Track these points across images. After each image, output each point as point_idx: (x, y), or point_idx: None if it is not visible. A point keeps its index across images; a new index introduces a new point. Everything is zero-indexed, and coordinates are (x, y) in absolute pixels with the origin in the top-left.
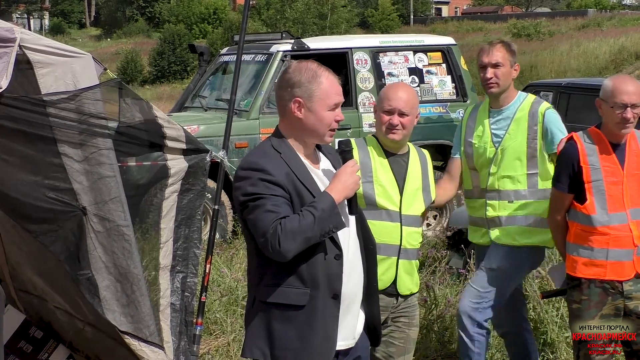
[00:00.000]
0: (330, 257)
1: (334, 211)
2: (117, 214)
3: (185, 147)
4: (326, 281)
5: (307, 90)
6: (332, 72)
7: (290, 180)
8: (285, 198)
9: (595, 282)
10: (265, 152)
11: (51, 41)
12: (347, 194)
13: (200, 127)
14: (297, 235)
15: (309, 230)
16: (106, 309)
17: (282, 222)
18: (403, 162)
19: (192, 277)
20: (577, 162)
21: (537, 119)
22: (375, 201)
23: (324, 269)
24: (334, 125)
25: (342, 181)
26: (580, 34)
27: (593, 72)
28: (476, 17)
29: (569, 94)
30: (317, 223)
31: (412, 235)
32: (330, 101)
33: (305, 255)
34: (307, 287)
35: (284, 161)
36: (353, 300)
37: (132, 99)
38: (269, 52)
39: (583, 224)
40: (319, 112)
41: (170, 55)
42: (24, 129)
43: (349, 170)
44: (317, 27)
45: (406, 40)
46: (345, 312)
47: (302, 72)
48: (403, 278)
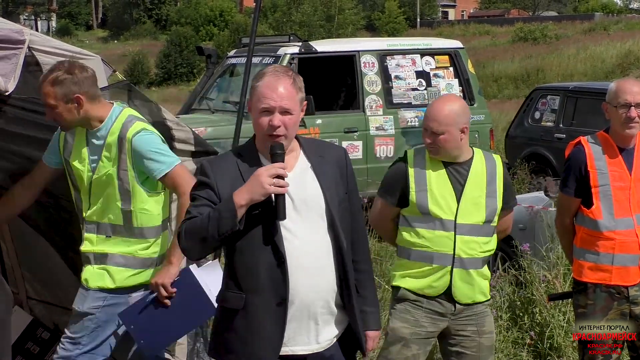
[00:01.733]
0: (272, 263)
1: (230, 214)
2: None
3: (194, 149)
4: (269, 286)
5: (251, 92)
6: (287, 77)
7: (230, 183)
8: (210, 200)
9: (601, 286)
10: (223, 156)
11: (61, 43)
12: (251, 196)
13: (208, 130)
14: (193, 235)
15: (204, 231)
16: None
17: (187, 222)
18: (464, 170)
19: None
20: (584, 167)
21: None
22: (429, 209)
23: (266, 274)
24: (269, 130)
25: (249, 183)
26: (587, 37)
27: (600, 76)
28: (483, 20)
29: (576, 97)
30: (212, 224)
31: (469, 244)
32: (259, 104)
33: (244, 260)
34: (243, 291)
35: (236, 164)
36: (312, 304)
37: (141, 101)
38: (276, 54)
39: (589, 229)
40: (253, 114)
41: (177, 58)
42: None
43: (258, 173)
44: (323, 30)
45: (413, 44)
46: (299, 317)
47: (257, 73)
48: (459, 287)
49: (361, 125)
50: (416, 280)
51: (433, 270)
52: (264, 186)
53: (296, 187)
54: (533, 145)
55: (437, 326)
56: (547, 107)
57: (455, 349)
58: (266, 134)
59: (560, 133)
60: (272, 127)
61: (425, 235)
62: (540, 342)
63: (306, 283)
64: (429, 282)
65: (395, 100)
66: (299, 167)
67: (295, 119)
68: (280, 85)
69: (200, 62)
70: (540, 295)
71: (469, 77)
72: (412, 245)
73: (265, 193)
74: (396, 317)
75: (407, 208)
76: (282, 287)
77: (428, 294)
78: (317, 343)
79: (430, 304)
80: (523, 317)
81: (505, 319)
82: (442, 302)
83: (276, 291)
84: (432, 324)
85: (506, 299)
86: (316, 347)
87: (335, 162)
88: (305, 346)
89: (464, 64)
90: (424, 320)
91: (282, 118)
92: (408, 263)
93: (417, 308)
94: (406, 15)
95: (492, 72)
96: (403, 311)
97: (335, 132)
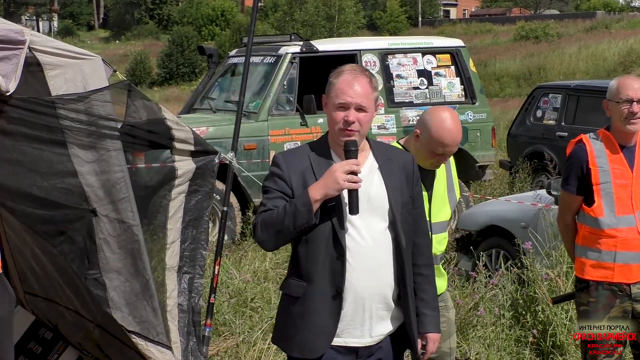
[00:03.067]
0: (333, 255)
1: (306, 208)
2: (126, 214)
3: (193, 149)
4: (327, 277)
5: (328, 88)
6: (365, 76)
7: (302, 176)
8: (284, 192)
9: (604, 284)
10: (297, 149)
11: (61, 43)
12: (326, 192)
13: (209, 129)
14: (269, 228)
15: (279, 224)
16: (114, 308)
17: (263, 214)
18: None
19: (198, 278)
20: (585, 164)
21: None
22: None
23: (326, 266)
24: (343, 125)
25: (324, 178)
26: (589, 36)
27: (601, 74)
28: (484, 19)
29: (578, 96)
30: (288, 217)
31: (440, 242)
32: (336, 100)
33: (307, 251)
34: (304, 280)
35: (308, 158)
36: (368, 299)
37: (141, 101)
38: (277, 54)
39: (591, 227)
40: (329, 110)
41: (179, 57)
42: (33, 131)
43: (333, 169)
44: (325, 29)
45: (415, 43)
46: (354, 310)
47: (335, 70)
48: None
49: None
50: None
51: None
52: (338, 181)
53: (363, 185)
54: (535, 144)
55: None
56: (549, 106)
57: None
58: (340, 129)
59: (562, 131)
60: (347, 122)
61: None
62: (542, 340)
63: (363, 277)
64: None
65: (397, 99)
66: (367, 166)
67: (370, 117)
68: (358, 83)
69: (202, 62)
70: (542, 293)
71: (471, 76)
72: None
73: (340, 188)
74: None
75: None
76: (339, 279)
77: None
78: (370, 337)
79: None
80: (525, 315)
81: (507, 317)
82: None
83: (333, 283)
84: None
85: (509, 297)
86: (369, 341)
87: (402, 166)
88: (358, 339)
89: (465, 63)
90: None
91: (357, 115)
92: None
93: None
94: (408, 14)
95: (493, 71)
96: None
97: None
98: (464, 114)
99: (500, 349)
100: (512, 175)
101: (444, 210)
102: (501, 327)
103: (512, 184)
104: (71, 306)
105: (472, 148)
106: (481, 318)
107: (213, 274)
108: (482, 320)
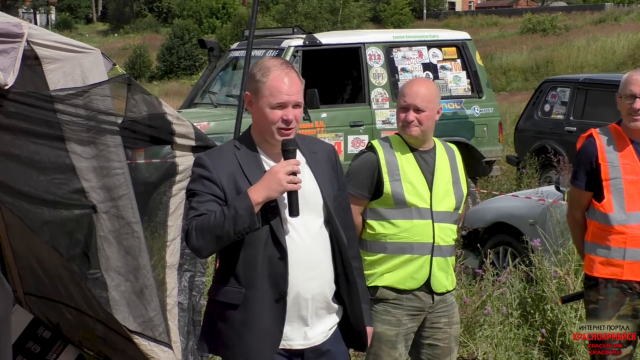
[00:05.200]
0: (273, 257)
1: (248, 212)
2: (126, 211)
3: (194, 144)
4: (268, 281)
5: (255, 87)
6: (292, 72)
7: (233, 178)
8: (216, 195)
9: (613, 282)
10: (221, 149)
11: (59, 36)
12: (268, 194)
13: (211, 124)
14: (206, 233)
15: (219, 229)
16: (115, 308)
17: (197, 219)
18: (430, 157)
19: (200, 276)
20: (595, 159)
21: None
22: (405, 199)
23: (266, 269)
24: (281, 125)
25: (265, 181)
26: (597, 28)
27: (610, 68)
28: (490, 11)
29: (587, 90)
30: (228, 222)
31: (445, 231)
32: (273, 99)
33: (244, 255)
34: (243, 286)
35: (236, 158)
36: (311, 299)
37: (141, 95)
38: (280, 47)
39: (600, 223)
40: (262, 109)
41: (180, 51)
42: (31, 126)
43: (274, 170)
44: (329, 22)
45: (420, 35)
46: (297, 312)
47: (258, 68)
48: (437, 276)
49: (367, 119)
50: (395, 273)
51: (413, 259)
52: (282, 183)
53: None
54: (543, 139)
55: (417, 320)
56: (557, 100)
57: (428, 342)
58: (278, 129)
59: (571, 126)
60: (287, 121)
61: (402, 225)
62: (551, 339)
63: (304, 278)
64: (410, 272)
65: None
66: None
67: (301, 112)
68: (291, 79)
69: (202, 56)
70: (551, 291)
71: (477, 69)
72: (387, 238)
73: (282, 190)
74: (377, 319)
75: (379, 200)
76: (282, 282)
77: (409, 287)
78: (314, 337)
79: (409, 301)
80: (534, 314)
81: (515, 316)
82: (420, 297)
83: (276, 286)
84: (412, 320)
85: (517, 295)
86: (313, 341)
87: (327, 157)
88: (303, 340)
89: (471, 56)
90: (405, 319)
91: (294, 112)
92: (384, 257)
93: (397, 307)
94: (412, 6)
95: (500, 64)
96: (383, 312)
97: (340, 126)
98: (470, 108)
99: (508, 348)
100: (520, 170)
101: (447, 199)
102: (509, 326)
103: (519, 179)
104: (72, 304)
105: (479, 143)
106: (488, 317)
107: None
108: (489, 319)
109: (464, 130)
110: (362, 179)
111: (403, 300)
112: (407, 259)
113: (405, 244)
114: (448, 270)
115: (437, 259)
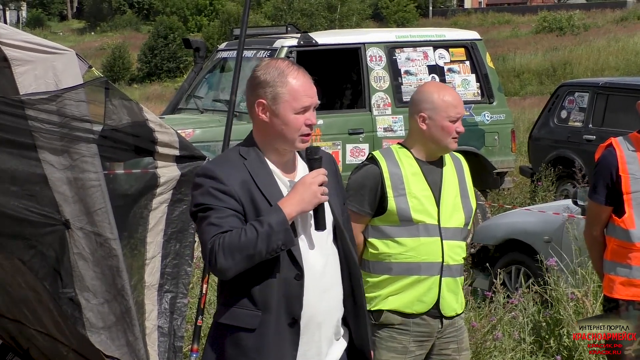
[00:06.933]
0: (289, 277)
1: (283, 227)
2: (103, 227)
3: (178, 154)
4: (283, 304)
5: (272, 92)
6: (305, 71)
7: (247, 189)
8: (235, 210)
9: (635, 304)
10: (227, 159)
11: (30, 36)
12: (303, 207)
13: (196, 131)
14: (235, 252)
15: (251, 247)
16: (90, 331)
17: (222, 237)
18: (436, 169)
19: (182, 297)
20: (615, 171)
21: None
22: (411, 216)
23: (281, 290)
24: (305, 130)
25: (298, 193)
26: (619, 27)
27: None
28: (502, 8)
29: (607, 94)
30: (261, 239)
31: (454, 249)
32: (297, 104)
33: (259, 275)
34: (259, 309)
35: (245, 168)
36: (323, 323)
37: (120, 100)
38: (272, 47)
39: (621, 240)
40: (285, 116)
41: (163, 51)
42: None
43: (308, 181)
44: (325, 20)
45: (425, 35)
46: (311, 335)
47: (269, 71)
48: (447, 298)
49: (367, 126)
50: (401, 296)
51: (421, 280)
52: (316, 195)
53: None
54: (559, 148)
55: (425, 347)
56: (575, 106)
57: None
58: (301, 135)
59: (590, 134)
60: (311, 126)
61: (408, 244)
62: None
63: (317, 300)
64: (418, 295)
65: (405, 98)
66: (301, 172)
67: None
68: (308, 79)
69: (187, 57)
70: (568, 315)
71: (488, 72)
72: (392, 258)
73: (317, 202)
74: (382, 347)
75: (382, 216)
76: (297, 304)
77: (417, 311)
78: None
79: (417, 326)
80: (549, 339)
81: (529, 342)
82: (428, 321)
83: (289, 309)
84: (419, 346)
85: (530, 319)
86: None
87: (328, 164)
88: None
89: (481, 58)
90: (412, 345)
91: (314, 115)
92: (389, 278)
93: (403, 333)
94: (417, 3)
95: (513, 67)
96: (388, 339)
97: (338, 133)
98: (480, 115)
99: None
100: (534, 183)
101: (456, 215)
102: (522, 352)
103: (533, 192)
104: (42, 329)
105: (490, 153)
106: (499, 343)
107: (200, 293)
108: (500, 346)
109: (473, 139)
110: (363, 194)
111: (410, 325)
112: (414, 280)
113: (412, 264)
114: (457, 291)
115: (446, 280)
